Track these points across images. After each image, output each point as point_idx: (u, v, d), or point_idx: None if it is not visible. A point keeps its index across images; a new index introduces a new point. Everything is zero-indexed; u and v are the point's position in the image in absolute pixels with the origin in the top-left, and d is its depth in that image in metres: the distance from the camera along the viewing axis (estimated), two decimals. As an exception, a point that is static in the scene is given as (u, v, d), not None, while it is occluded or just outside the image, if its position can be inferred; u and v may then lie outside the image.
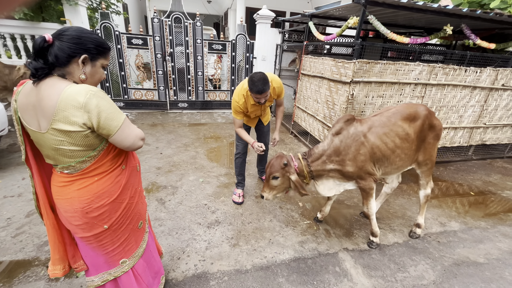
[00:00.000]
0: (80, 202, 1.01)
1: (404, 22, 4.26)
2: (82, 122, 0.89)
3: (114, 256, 1.18)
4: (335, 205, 2.65)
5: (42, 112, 0.88)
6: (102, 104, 0.91)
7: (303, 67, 4.22)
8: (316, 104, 3.80)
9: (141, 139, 1.06)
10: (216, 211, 2.43)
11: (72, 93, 0.87)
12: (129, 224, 1.19)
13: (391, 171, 1.92)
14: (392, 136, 1.79)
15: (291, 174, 1.80)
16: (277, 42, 5.68)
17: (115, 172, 1.08)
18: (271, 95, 2.23)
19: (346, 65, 2.96)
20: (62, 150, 0.94)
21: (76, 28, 0.95)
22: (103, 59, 1.02)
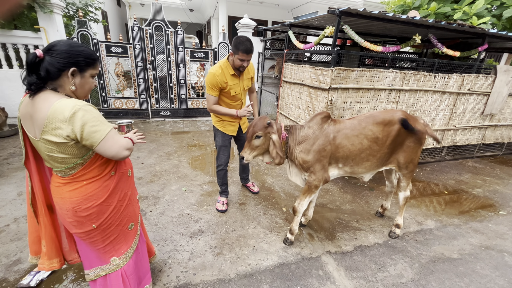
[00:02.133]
0: (71, 202, 1.11)
1: (378, 32, 4.50)
2: (66, 135, 0.97)
3: (105, 253, 1.26)
4: (318, 209, 2.70)
5: (36, 123, 0.98)
6: (87, 117, 0.98)
7: (284, 74, 4.32)
8: (298, 110, 3.89)
9: (126, 149, 1.11)
10: (199, 220, 2.40)
11: (59, 108, 0.95)
12: (118, 225, 1.27)
13: (359, 170, 2.01)
14: (360, 138, 1.89)
15: (272, 134, 1.83)
16: (259, 51, 5.78)
17: (103, 178, 1.16)
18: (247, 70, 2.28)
19: (324, 73, 3.06)
20: (53, 157, 1.04)
21: (64, 42, 1.02)
22: (91, 69, 1.08)
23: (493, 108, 4.10)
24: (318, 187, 1.95)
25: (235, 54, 2.07)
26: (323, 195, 2.99)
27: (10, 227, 2.17)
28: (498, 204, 3.05)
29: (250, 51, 2.04)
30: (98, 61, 1.13)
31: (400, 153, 2.05)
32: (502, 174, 3.95)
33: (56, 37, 4.51)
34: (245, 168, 2.92)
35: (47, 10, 4.23)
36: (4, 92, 4.61)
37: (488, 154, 4.69)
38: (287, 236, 2.17)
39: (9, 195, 2.63)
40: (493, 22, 4.45)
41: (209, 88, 2.17)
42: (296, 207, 2.05)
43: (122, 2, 12.04)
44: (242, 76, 2.28)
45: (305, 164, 1.91)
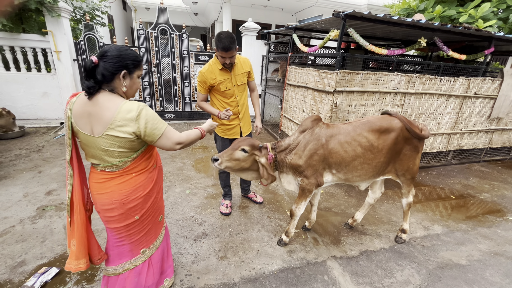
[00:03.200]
0: (120, 194, 1.21)
1: (382, 35, 4.49)
2: (132, 131, 1.11)
3: (138, 245, 1.36)
4: (323, 213, 2.67)
5: (99, 120, 1.09)
6: (148, 116, 1.13)
7: (288, 77, 4.32)
8: (302, 113, 3.88)
9: (177, 144, 1.24)
10: (203, 223, 2.39)
11: (127, 108, 1.09)
12: (154, 216, 1.39)
13: (353, 178, 1.95)
14: (353, 145, 1.84)
15: (261, 157, 1.78)
16: (263, 54, 5.80)
17: (148, 170, 1.29)
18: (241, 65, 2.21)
19: (329, 76, 3.05)
20: (110, 152, 1.14)
21: (114, 47, 1.13)
22: (138, 71, 1.21)
23: (500, 112, 4.05)
24: (311, 191, 1.92)
25: (217, 51, 2.05)
26: (328, 199, 2.96)
27: (15, 228, 2.18)
28: (507, 210, 2.99)
29: (229, 48, 1.95)
30: (142, 62, 1.24)
31: (397, 162, 2.00)
32: (510, 178, 3.89)
33: (63, 40, 4.58)
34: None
35: (55, 14, 4.30)
36: (12, 94, 4.68)
37: (495, 158, 4.62)
38: (281, 237, 2.16)
39: (15, 196, 2.65)
40: (500, 25, 4.42)
41: (198, 86, 2.21)
42: (294, 210, 2.03)
43: (128, 6, 12.21)
44: (234, 70, 2.19)
45: (298, 168, 1.87)
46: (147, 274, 1.43)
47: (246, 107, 2.43)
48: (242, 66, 2.26)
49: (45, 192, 2.76)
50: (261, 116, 6.04)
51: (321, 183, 1.90)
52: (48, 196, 2.69)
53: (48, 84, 4.83)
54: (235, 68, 2.21)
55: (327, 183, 1.97)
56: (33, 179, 3.03)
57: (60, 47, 4.60)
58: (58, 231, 2.19)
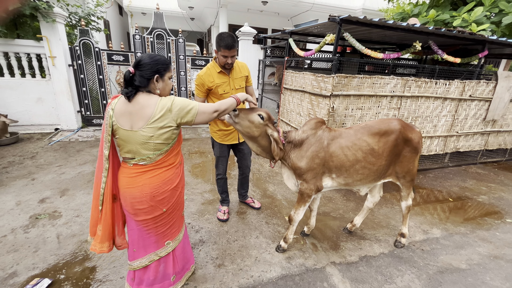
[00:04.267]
0: (151, 187, 1.34)
1: (378, 39, 4.53)
2: (173, 119, 1.28)
3: (163, 238, 1.49)
4: (321, 218, 2.64)
5: (141, 116, 1.25)
6: (179, 102, 1.30)
7: (285, 81, 4.32)
8: (299, 117, 3.87)
9: (214, 112, 1.39)
10: (200, 230, 2.35)
11: (162, 103, 1.28)
12: (178, 210, 1.53)
13: (354, 183, 1.94)
14: (354, 149, 1.83)
15: (274, 131, 1.75)
16: (259, 58, 5.82)
17: (175, 166, 1.44)
18: (239, 69, 2.21)
19: (325, 79, 3.06)
20: (147, 144, 1.28)
21: (146, 56, 1.30)
22: (168, 73, 1.36)
23: (495, 114, 4.09)
24: (310, 196, 1.90)
25: (218, 52, 2.04)
26: (326, 203, 2.94)
27: (7, 238, 2.13)
28: (504, 212, 3.00)
29: (232, 46, 1.98)
30: (171, 65, 1.43)
31: (397, 164, 1.99)
32: (506, 180, 3.90)
33: (58, 46, 4.55)
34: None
35: (50, 19, 4.27)
36: (6, 100, 4.62)
37: (491, 160, 4.65)
38: (280, 243, 2.13)
39: (7, 204, 2.59)
40: (492, 29, 4.48)
41: (196, 89, 2.18)
42: (292, 216, 2.01)
43: (124, 11, 12.22)
44: (232, 74, 2.18)
45: (298, 170, 1.86)
46: (173, 264, 1.58)
47: None
48: (241, 70, 2.26)
49: (38, 200, 2.70)
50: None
51: (320, 188, 1.88)
52: (41, 204, 2.63)
53: (42, 90, 4.78)
54: (233, 72, 2.21)
55: (326, 188, 1.95)
56: (26, 186, 2.97)
57: (55, 52, 4.56)
58: (51, 240, 2.13)
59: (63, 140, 4.58)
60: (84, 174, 3.34)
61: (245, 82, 2.32)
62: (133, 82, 1.27)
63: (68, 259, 1.95)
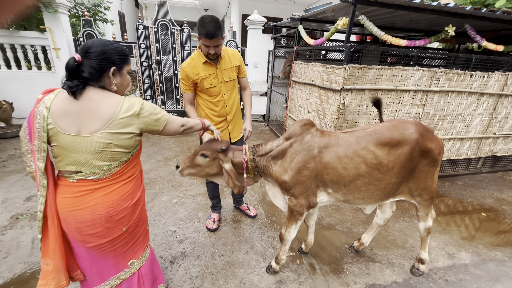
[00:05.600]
0: (106, 207, 1.09)
1: (402, 25, 3.98)
2: (136, 127, 1.07)
3: (125, 258, 1.24)
4: (324, 231, 2.30)
5: (96, 118, 1.00)
6: (150, 108, 1.11)
7: (293, 73, 3.93)
8: (307, 113, 3.49)
9: (181, 126, 1.24)
10: (184, 241, 2.10)
11: (129, 104, 1.06)
12: (142, 225, 1.29)
13: (355, 201, 1.57)
14: (356, 161, 1.45)
15: (224, 163, 1.51)
16: (269, 48, 5.43)
17: (135, 177, 1.20)
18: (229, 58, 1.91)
19: (336, 71, 2.65)
20: (104, 153, 1.04)
21: (98, 42, 1.04)
22: (127, 66, 1.13)
23: (544, 113, 3.44)
24: (301, 213, 1.57)
25: (199, 39, 1.72)
26: (332, 213, 2.58)
27: (-19, 240, 2.01)
28: (553, 233, 2.47)
29: (213, 35, 1.63)
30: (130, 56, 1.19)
31: (411, 180, 1.58)
32: (554, 192, 3.29)
33: (62, 37, 4.46)
34: None
35: (52, 9, 4.16)
36: (13, 93, 4.63)
37: (534, 167, 3.99)
38: (271, 264, 1.83)
39: (-7, 202, 2.50)
40: (545, 10, 3.76)
41: (181, 84, 1.92)
42: (283, 234, 1.69)
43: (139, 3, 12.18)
44: (220, 64, 1.88)
45: (284, 185, 1.53)
46: (138, 286, 1.32)
47: (237, 108, 2.11)
48: (231, 59, 1.94)
49: (25, 198, 2.59)
50: (267, 116, 5.69)
51: (313, 204, 1.54)
52: (26, 203, 2.51)
53: (48, 82, 4.74)
54: (222, 62, 1.90)
55: (321, 203, 1.60)
56: (18, 182, 2.89)
57: (59, 44, 4.48)
58: (25, 245, 1.99)
59: (67, 133, 4.53)
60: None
61: (236, 73, 2.01)
62: (80, 73, 1.01)
63: (36, 268, 1.78)
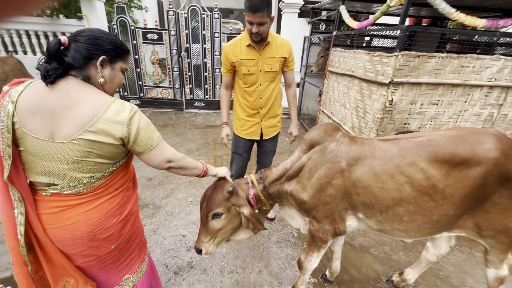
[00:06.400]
0: (87, 226, 0.90)
1: (473, 3, 3.20)
2: (120, 136, 0.84)
3: (117, 274, 1.07)
4: (355, 254, 1.92)
5: (72, 118, 0.79)
6: (143, 123, 0.89)
7: (330, 62, 3.45)
8: (344, 110, 3.03)
9: (167, 161, 0.97)
10: (192, 248, 1.90)
11: (117, 108, 0.83)
12: (136, 239, 1.10)
13: (394, 232, 1.16)
14: (398, 181, 1.05)
15: (242, 207, 1.19)
16: (305, 35, 4.92)
17: (125, 188, 1.01)
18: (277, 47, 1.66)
19: (384, 60, 2.16)
20: (83, 163, 0.84)
21: (93, 29, 0.89)
22: (122, 62, 0.94)
23: None
24: (326, 241, 1.23)
25: (245, 13, 1.53)
26: (366, 232, 2.17)
27: None
28: None
29: (258, 8, 1.43)
30: (129, 54, 0.97)
31: (479, 214, 1.10)
32: None
33: (97, 24, 4.53)
34: None
35: (88, -4, 4.22)
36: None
37: None
38: None
39: None
40: None
41: (222, 62, 1.76)
42: (302, 262, 1.37)
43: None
44: (264, 51, 1.65)
45: (303, 205, 1.21)
46: None
47: (275, 103, 1.85)
48: (278, 48, 1.68)
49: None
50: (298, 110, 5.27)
51: (341, 231, 1.19)
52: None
53: (85, 69, 4.92)
54: (267, 49, 1.66)
55: (351, 229, 1.25)
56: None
57: (95, 31, 4.57)
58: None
59: (100, 119, 4.68)
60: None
61: (280, 66, 1.73)
62: (63, 57, 0.81)
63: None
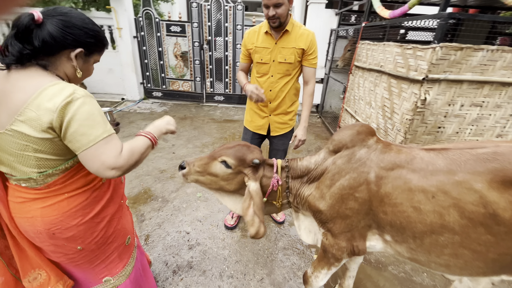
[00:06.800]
0: (44, 223, 0.83)
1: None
2: (49, 126, 0.70)
3: (96, 274, 1.02)
4: (371, 272, 1.72)
5: (6, 105, 0.71)
6: (82, 111, 0.72)
7: (357, 56, 3.17)
8: (369, 108, 2.76)
9: (111, 169, 0.76)
10: (195, 247, 1.84)
11: (52, 92, 0.70)
12: (112, 242, 1.01)
13: (430, 265, 0.93)
14: (443, 202, 0.82)
15: (250, 180, 1.05)
16: (332, 27, 4.62)
17: (92, 188, 0.90)
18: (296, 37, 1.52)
19: (418, 53, 1.89)
20: (25, 157, 0.75)
21: (78, 14, 0.79)
22: (97, 55, 0.88)
23: None
24: (339, 259, 1.07)
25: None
26: (386, 246, 1.94)
27: None
28: None
29: None
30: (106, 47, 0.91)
31: None
32: None
33: (124, 17, 4.63)
34: None
35: (115, -11, 4.32)
36: (86, 69, 5.15)
37: None
38: None
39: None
40: None
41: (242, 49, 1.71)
42: (309, 277, 1.22)
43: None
44: (281, 40, 1.53)
45: (318, 215, 1.05)
46: None
47: (287, 99, 1.69)
48: (297, 39, 1.53)
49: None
50: (321, 107, 5.00)
51: (359, 251, 1.02)
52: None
53: (112, 61, 5.10)
54: (285, 38, 1.53)
55: (372, 249, 1.07)
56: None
57: (122, 23, 4.69)
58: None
59: (124, 110, 4.84)
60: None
61: (297, 58, 1.56)
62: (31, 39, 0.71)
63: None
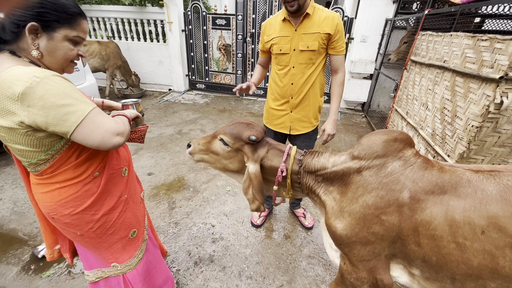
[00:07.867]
0: (45, 207, 0.89)
1: None
2: (19, 120, 0.69)
3: (104, 258, 1.07)
4: None
5: None
6: (51, 93, 0.68)
7: (415, 50, 2.76)
8: (424, 111, 2.40)
9: (116, 134, 0.78)
10: (218, 241, 1.84)
11: (8, 79, 0.66)
12: (113, 234, 1.01)
13: None
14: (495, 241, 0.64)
15: (249, 161, 0.98)
16: (387, 16, 4.13)
17: (83, 181, 0.89)
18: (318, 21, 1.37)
19: (497, 45, 1.53)
20: (9, 146, 0.79)
21: None
22: (67, 29, 0.76)
23: None
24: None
25: None
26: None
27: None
28: None
29: None
30: (80, 18, 0.78)
31: None
32: None
33: (174, 11, 4.86)
34: None
35: (168, -16, 4.53)
36: (140, 61, 5.59)
37: None
38: None
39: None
40: None
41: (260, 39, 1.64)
42: None
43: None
44: (301, 26, 1.38)
45: (333, 235, 0.90)
46: None
47: (311, 93, 1.53)
48: (321, 23, 1.37)
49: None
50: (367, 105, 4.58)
51: (384, 285, 0.87)
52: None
53: (162, 54, 5.43)
54: (306, 23, 1.38)
55: (396, 280, 0.90)
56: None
57: (172, 18, 4.93)
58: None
59: (169, 100, 5.14)
60: (163, 136, 3.52)
61: (322, 44, 1.40)
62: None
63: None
